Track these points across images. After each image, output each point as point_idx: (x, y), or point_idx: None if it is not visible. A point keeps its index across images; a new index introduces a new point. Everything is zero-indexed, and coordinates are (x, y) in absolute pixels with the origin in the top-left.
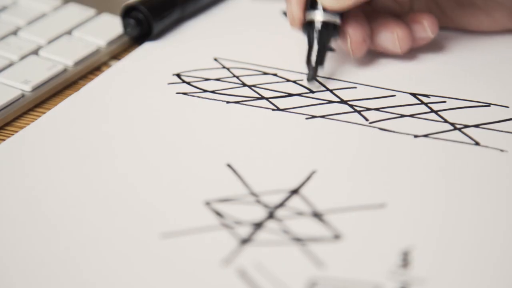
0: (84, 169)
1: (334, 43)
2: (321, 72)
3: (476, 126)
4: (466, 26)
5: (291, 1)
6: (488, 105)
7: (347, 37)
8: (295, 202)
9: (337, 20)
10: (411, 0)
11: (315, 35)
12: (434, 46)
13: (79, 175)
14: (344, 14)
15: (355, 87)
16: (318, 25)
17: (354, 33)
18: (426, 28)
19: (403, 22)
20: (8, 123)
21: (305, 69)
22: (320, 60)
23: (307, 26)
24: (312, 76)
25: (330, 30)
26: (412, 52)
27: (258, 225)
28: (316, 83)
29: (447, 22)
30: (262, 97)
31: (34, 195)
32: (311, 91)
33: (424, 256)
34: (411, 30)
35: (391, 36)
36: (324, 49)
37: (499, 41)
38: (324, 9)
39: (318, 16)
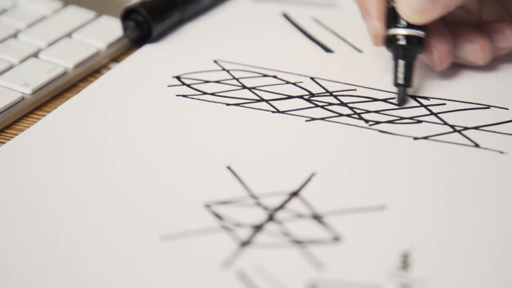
0: (84, 172)
1: None
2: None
3: (476, 128)
4: None
5: (371, 15)
6: (488, 107)
7: (432, 50)
8: (295, 204)
9: (421, 33)
10: (480, 8)
11: (401, 52)
12: None
13: (79, 178)
14: (427, 27)
15: (355, 89)
16: (403, 41)
17: (440, 46)
18: (509, 37)
19: (483, 33)
20: (8, 126)
21: (305, 72)
22: (409, 79)
23: (391, 42)
24: (403, 98)
25: (415, 45)
26: None
27: (258, 228)
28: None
29: None
30: (262, 99)
31: (34, 198)
32: (312, 94)
33: (424, 258)
34: (492, 40)
35: (473, 48)
36: (411, 66)
37: None
38: (407, 23)
39: (402, 31)
